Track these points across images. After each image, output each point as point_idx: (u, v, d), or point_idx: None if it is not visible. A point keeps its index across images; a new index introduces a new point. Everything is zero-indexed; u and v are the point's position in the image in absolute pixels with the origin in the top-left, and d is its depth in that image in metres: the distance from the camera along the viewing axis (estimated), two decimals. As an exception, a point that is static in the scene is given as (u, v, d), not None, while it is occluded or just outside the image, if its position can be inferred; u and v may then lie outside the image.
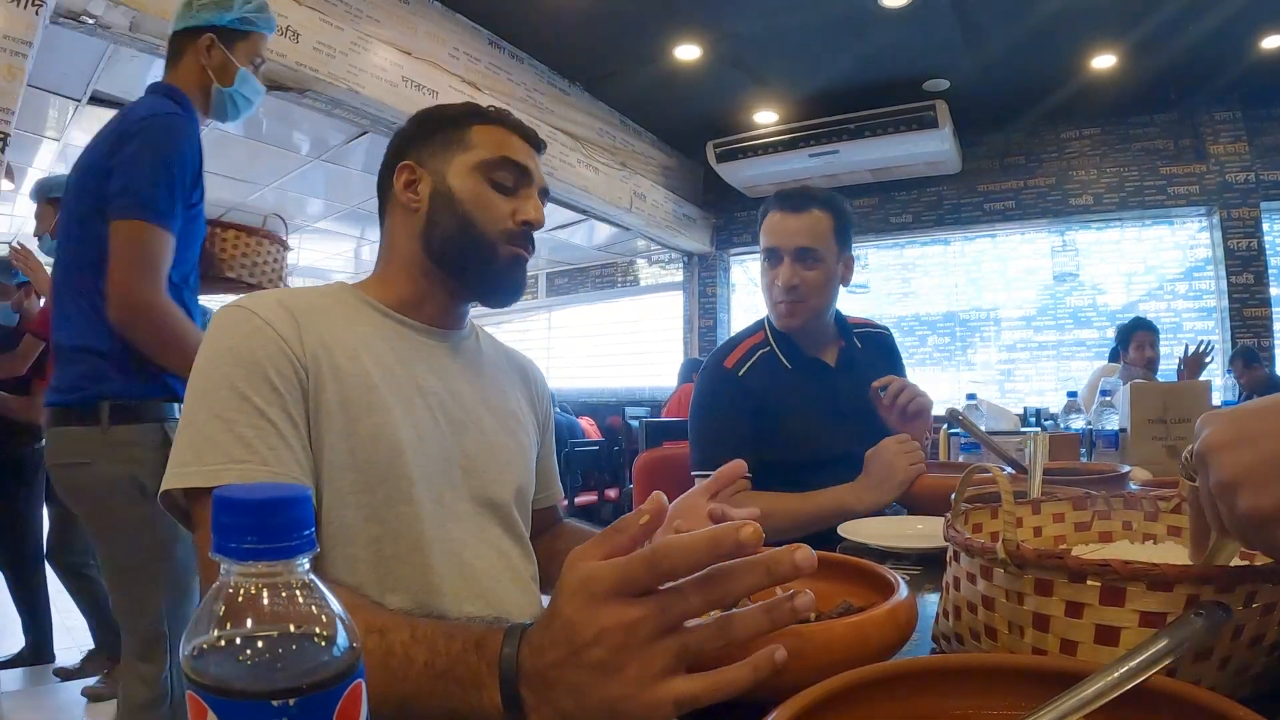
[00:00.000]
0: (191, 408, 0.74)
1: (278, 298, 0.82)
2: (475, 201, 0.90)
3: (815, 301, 1.48)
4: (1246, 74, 4.33)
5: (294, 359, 0.77)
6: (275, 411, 0.74)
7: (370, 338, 0.86)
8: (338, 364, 0.80)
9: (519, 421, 1.00)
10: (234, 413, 0.72)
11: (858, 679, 0.41)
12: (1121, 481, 1.22)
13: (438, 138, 0.93)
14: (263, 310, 0.79)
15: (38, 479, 2.99)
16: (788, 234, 1.47)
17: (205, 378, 0.75)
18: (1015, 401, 5.10)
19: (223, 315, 0.80)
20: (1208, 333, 4.97)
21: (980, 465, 0.62)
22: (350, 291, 0.92)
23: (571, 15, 3.86)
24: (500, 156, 0.91)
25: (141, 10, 2.41)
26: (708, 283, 6.54)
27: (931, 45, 4.21)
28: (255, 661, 0.29)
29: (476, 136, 0.93)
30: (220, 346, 0.76)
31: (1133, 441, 1.82)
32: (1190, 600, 0.45)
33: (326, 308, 0.85)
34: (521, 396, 1.04)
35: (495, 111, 0.96)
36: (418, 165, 0.92)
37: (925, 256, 5.89)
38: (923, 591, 0.85)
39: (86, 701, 2.56)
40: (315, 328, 0.81)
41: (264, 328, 0.77)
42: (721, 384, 1.49)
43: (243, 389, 0.73)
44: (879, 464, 1.31)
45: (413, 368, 0.87)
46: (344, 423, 0.78)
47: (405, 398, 0.84)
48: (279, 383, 0.75)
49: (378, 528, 0.79)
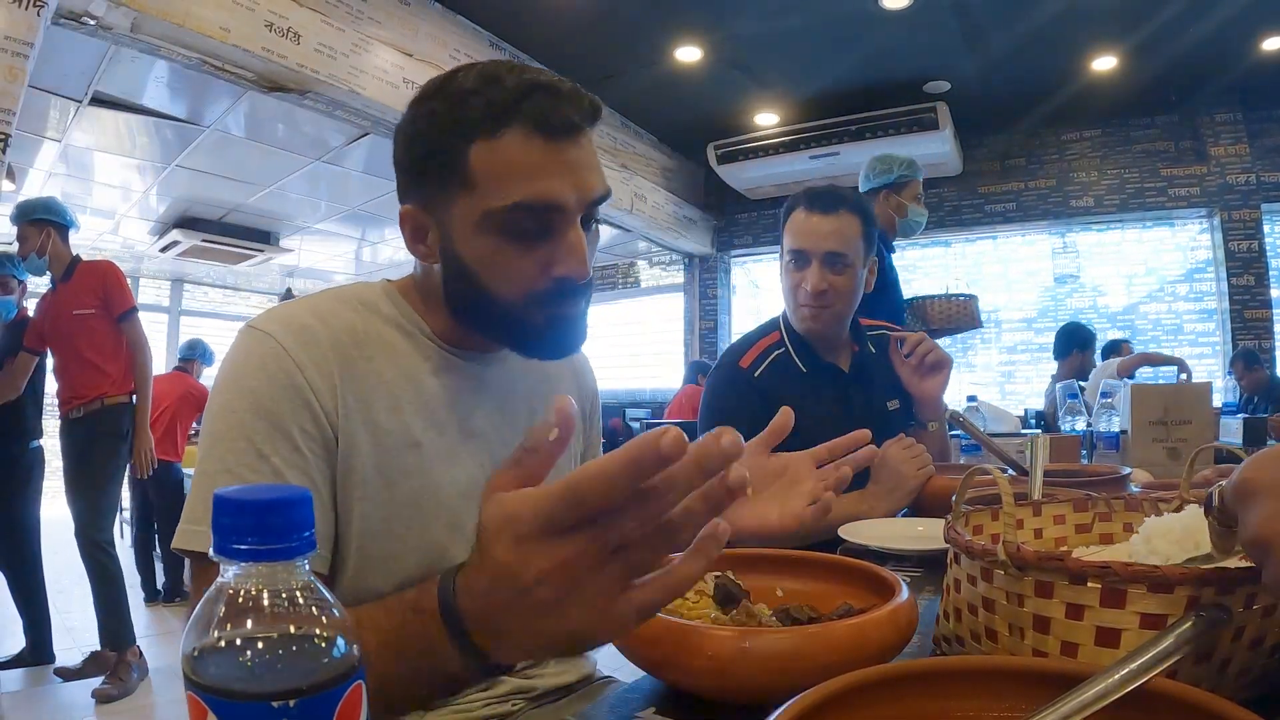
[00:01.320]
0: (207, 452, 0.67)
1: (312, 322, 0.71)
2: (490, 266, 0.72)
3: (841, 307, 1.45)
4: (1247, 75, 4.34)
5: (323, 415, 0.68)
6: (294, 475, 0.67)
7: (417, 372, 0.76)
8: (376, 421, 0.71)
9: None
10: (249, 472, 0.65)
11: (858, 681, 0.41)
12: (1122, 483, 1.22)
13: (430, 171, 0.72)
14: (292, 343, 0.69)
15: (36, 479, 3.00)
16: (818, 237, 1.42)
17: (224, 421, 0.67)
18: (1016, 403, 5.10)
19: (250, 342, 0.70)
20: (1208, 334, 4.98)
21: (981, 467, 0.62)
22: (396, 303, 0.79)
23: (572, 17, 3.86)
24: (512, 204, 0.69)
25: (142, 11, 2.41)
26: (708, 285, 6.54)
27: (932, 47, 4.21)
28: (255, 662, 0.29)
29: (480, 162, 0.69)
30: (244, 386, 0.67)
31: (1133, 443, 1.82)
32: (1191, 602, 0.45)
33: (369, 332, 0.74)
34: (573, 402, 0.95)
35: (502, 97, 0.68)
36: (420, 210, 0.75)
37: (926, 258, 5.89)
38: (923, 593, 0.85)
39: (95, 703, 2.56)
40: (356, 370, 0.71)
41: (291, 372, 0.68)
42: (735, 383, 1.47)
43: (261, 446, 0.66)
44: (888, 471, 1.28)
45: (459, 410, 0.77)
46: (379, 489, 0.71)
47: (450, 450, 0.76)
48: (302, 442, 0.67)
49: (414, 594, 0.76)
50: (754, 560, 0.73)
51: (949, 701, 0.43)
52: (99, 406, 2.82)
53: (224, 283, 7.91)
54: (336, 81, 3.09)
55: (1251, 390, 4.20)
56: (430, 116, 0.72)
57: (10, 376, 2.86)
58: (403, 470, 0.72)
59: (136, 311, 2.93)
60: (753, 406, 1.44)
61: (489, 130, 0.68)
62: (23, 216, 2.79)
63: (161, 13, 2.44)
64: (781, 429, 0.84)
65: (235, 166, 4.64)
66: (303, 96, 3.11)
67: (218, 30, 2.63)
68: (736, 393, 1.47)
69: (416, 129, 0.73)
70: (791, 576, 0.71)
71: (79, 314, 2.80)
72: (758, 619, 0.61)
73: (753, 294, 6.64)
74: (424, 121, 0.72)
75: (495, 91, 0.69)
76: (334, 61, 3.08)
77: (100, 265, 2.91)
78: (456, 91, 0.70)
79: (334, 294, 0.78)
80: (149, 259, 6.73)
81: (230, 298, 8.14)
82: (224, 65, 2.80)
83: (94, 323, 2.82)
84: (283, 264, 7.20)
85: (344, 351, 0.71)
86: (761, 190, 5.79)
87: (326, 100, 3.20)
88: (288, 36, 2.87)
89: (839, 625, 0.54)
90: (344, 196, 5.35)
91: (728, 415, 1.47)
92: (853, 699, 0.41)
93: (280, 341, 0.69)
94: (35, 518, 2.96)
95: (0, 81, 1.99)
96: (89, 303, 2.82)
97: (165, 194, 5.18)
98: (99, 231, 5.89)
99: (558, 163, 0.69)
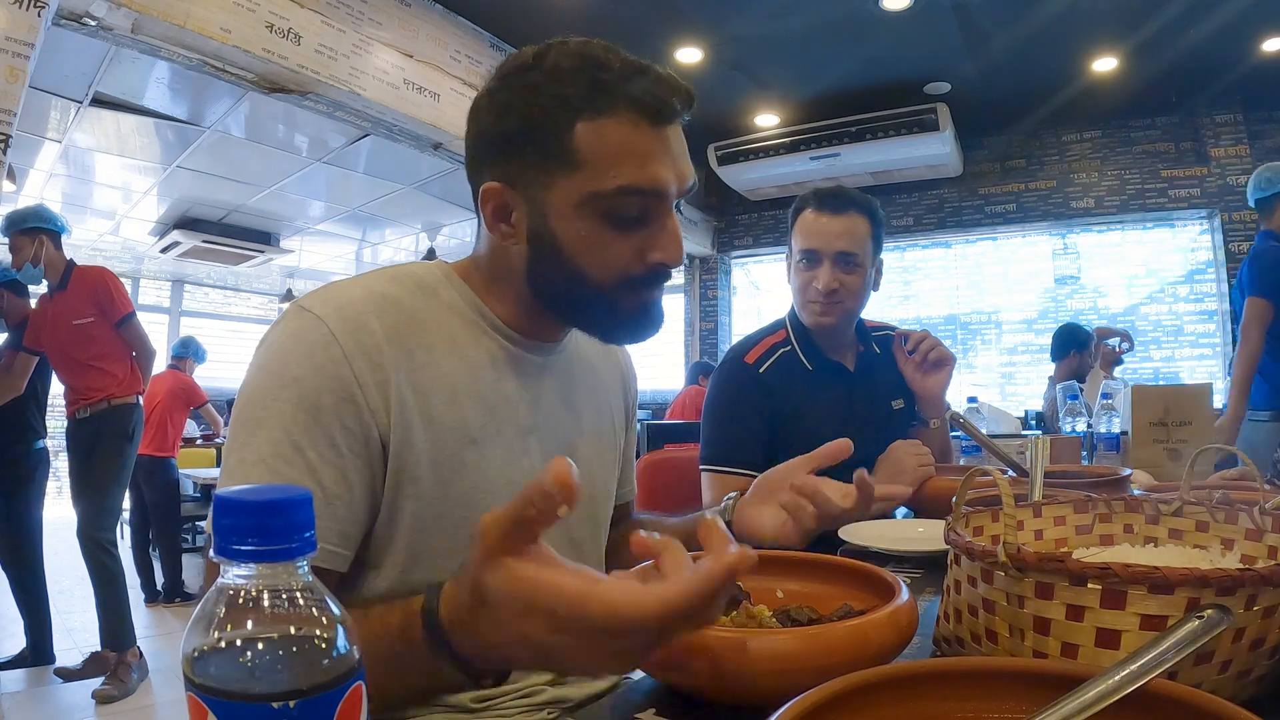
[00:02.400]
0: (244, 441, 0.63)
1: (369, 307, 0.68)
2: (587, 248, 0.70)
3: (851, 305, 1.48)
4: (1247, 77, 4.33)
5: (368, 412, 0.65)
6: (329, 471, 0.64)
7: (476, 363, 0.73)
8: (432, 414, 0.69)
9: (613, 433, 0.91)
10: (283, 464, 0.62)
11: (858, 682, 0.41)
12: (1123, 485, 1.22)
13: (529, 150, 0.69)
14: (343, 330, 0.66)
15: (40, 479, 3.00)
16: (828, 237, 1.44)
17: (263, 409, 0.64)
18: (1016, 405, 5.10)
19: (300, 325, 0.67)
20: (1209, 336, 4.98)
21: (981, 468, 0.62)
22: (458, 287, 0.76)
23: (573, 18, 3.87)
24: (618, 187, 0.67)
25: (143, 12, 2.41)
26: (709, 286, 6.54)
27: (933, 48, 4.21)
28: (255, 663, 0.29)
29: (585, 142, 0.67)
30: (288, 375, 0.64)
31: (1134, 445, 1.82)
32: (1191, 603, 0.45)
33: (428, 317, 0.72)
34: (617, 397, 0.94)
35: (608, 78, 0.67)
36: (507, 187, 0.70)
37: (926, 259, 5.89)
38: (923, 595, 0.85)
39: (95, 704, 2.56)
40: (414, 361, 0.69)
41: (342, 364, 0.65)
42: (740, 379, 1.49)
43: (299, 439, 0.63)
44: (888, 464, 1.31)
45: (516, 403, 0.76)
46: (434, 485, 0.69)
47: (506, 444, 0.74)
48: (341, 439, 0.64)
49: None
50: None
51: (949, 703, 0.43)
52: (105, 407, 2.83)
53: (224, 284, 7.92)
54: (337, 82, 3.09)
55: (1252, 391, 4.20)
56: (530, 90, 0.69)
57: (11, 376, 2.86)
58: (459, 467, 0.70)
59: (135, 315, 2.94)
60: (757, 401, 1.46)
61: (596, 110, 0.67)
62: (13, 227, 2.79)
63: (162, 14, 2.44)
64: (832, 455, 0.85)
65: (236, 167, 4.64)
66: (303, 97, 3.11)
67: (218, 31, 2.63)
68: (741, 388, 1.48)
69: (511, 101, 0.69)
70: (792, 578, 0.71)
71: (79, 324, 2.81)
72: (758, 620, 0.61)
73: (753, 295, 6.64)
74: (522, 95, 0.69)
75: (601, 71, 0.68)
76: (334, 63, 3.08)
77: (95, 272, 2.91)
78: (558, 68, 0.69)
79: (390, 274, 0.74)
80: (149, 260, 6.74)
81: (230, 299, 8.14)
82: (224, 66, 2.80)
83: (94, 330, 2.83)
84: (283, 265, 7.19)
85: (401, 341, 0.68)
86: (762, 191, 5.79)
87: (327, 101, 3.20)
88: (288, 38, 2.87)
89: (839, 626, 0.54)
90: (344, 197, 5.35)
91: (731, 410, 1.48)
92: (853, 700, 0.41)
93: (332, 328, 0.66)
94: (37, 518, 2.96)
95: (1, 82, 1.99)
96: (87, 311, 2.82)
97: (166, 195, 5.18)
98: (99, 232, 5.90)
99: (662, 148, 0.69)
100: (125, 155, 4.41)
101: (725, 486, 1.35)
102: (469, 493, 0.70)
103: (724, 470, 1.43)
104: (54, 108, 3.67)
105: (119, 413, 2.85)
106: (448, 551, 0.70)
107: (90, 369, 2.83)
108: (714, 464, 1.45)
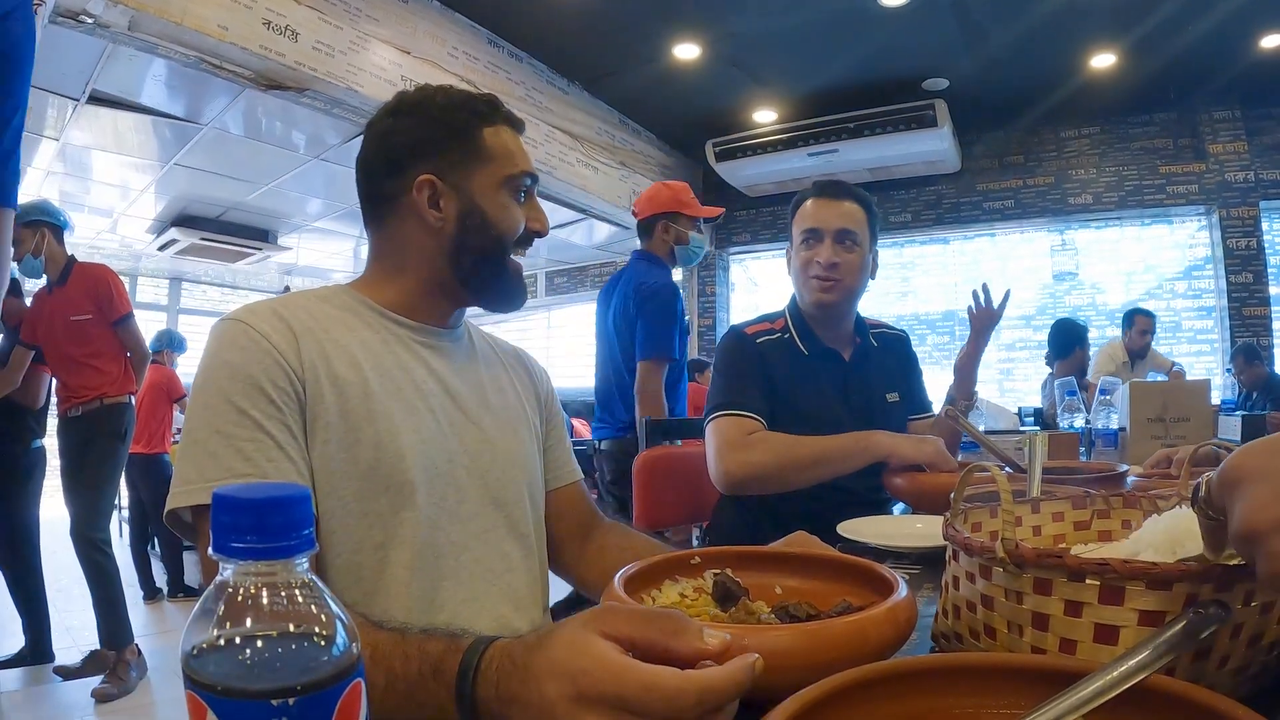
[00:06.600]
0: (192, 424, 0.75)
1: (274, 308, 0.82)
2: (506, 217, 0.90)
3: (851, 283, 1.53)
4: (1245, 73, 4.34)
5: (290, 372, 0.78)
6: (273, 424, 0.75)
7: (370, 342, 0.86)
8: (336, 373, 0.81)
9: (520, 415, 0.99)
10: (233, 427, 0.74)
11: (857, 678, 0.41)
12: (1120, 481, 1.22)
13: (454, 149, 0.89)
14: (259, 323, 0.79)
15: (37, 478, 3.00)
16: (830, 216, 1.52)
17: (204, 394, 0.76)
18: (1014, 401, 5.10)
19: (220, 329, 0.80)
20: (1207, 332, 4.98)
21: (979, 464, 0.62)
22: (347, 293, 0.91)
23: (571, 14, 3.86)
24: (521, 171, 0.91)
25: (140, 9, 2.41)
26: (707, 282, 6.54)
27: (931, 44, 4.21)
28: (254, 661, 0.29)
29: (489, 143, 0.91)
30: (217, 362, 0.77)
31: (1132, 440, 1.82)
32: (1189, 599, 0.45)
33: (323, 314, 0.85)
34: (520, 387, 1.03)
35: (488, 104, 0.93)
36: (439, 179, 0.88)
37: (924, 255, 5.90)
38: (922, 591, 0.85)
39: (94, 702, 2.56)
40: (312, 337, 0.81)
41: (260, 340, 0.78)
42: (742, 344, 1.55)
43: (240, 403, 0.74)
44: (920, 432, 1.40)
45: (412, 371, 0.87)
46: (344, 432, 0.79)
47: (406, 402, 0.85)
48: (276, 396, 0.76)
49: (381, 534, 0.80)
50: (752, 558, 0.73)
51: (948, 698, 0.43)
52: (98, 406, 2.82)
53: (222, 281, 7.90)
54: (334, 79, 3.09)
55: (1250, 386, 4.20)
56: (445, 105, 0.91)
57: (7, 370, 2.85)
58: (364, 415, 0.80)
59: (133, 316, 2.94)
60: (757, 365, 1.52)
61: (490, 120, 0.92)
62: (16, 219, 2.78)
63: (159, 11, 2.44)
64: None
65: (233, 165, 4.63)
66: (301, 94, 3.11)
67: (215, 28, 2.63)
68: (744, 350, 1.54)
69: (432, 113, 0.90)
70: (790, 574, 0.71)
71: (76, 320, 2.80)
72: (757, 616, 0.61)
73: (751, 291, 6.64)
74: (439, 106, 0.91)
75: (477, 98, 0.94)
76: (332, 59, 3.08)
77: (96, 269, 2.91)
78: (452, 93, 0.93)
79: (294, 294, 0.91)
80: (147, 257, 6.72)
81: (229, 296, 8.12)
82: (222, 63, 2.80)
83: (90, 328, 2.83)
84: (281, 262, 7.18)
85: (306, 328, 0.82)
86: (760, 187, 5.79)
87: (325, 98, 3.20)
88: (286, 34, 2.87)
89: (838, 623, 0.54)
90: (342, 194, 5.33)
91: (738, 366, 1.53)
92: (852, 696, 0.41)
93: (250, 324, 0.79)
94: (35, 517, 2.95)
95: (-3, 80, 1.98)
96: (85, 308, 2.82)
97: (163, 192, 5.17)
98: (97, 230, 5.88)
99: (523, 148, 0.95)
100: (123, 153, 4.40)
101: (741, 426, 1.41)
102: (376, 439, 0.80)
103: (736, 413, 1.44)
104: (51, 105, 3.66)
105: (112, 412, 2.85)
106: (361, 496, 0.79)
107: (85, 366, 2.82)
108: (725, 409, 1.46)
